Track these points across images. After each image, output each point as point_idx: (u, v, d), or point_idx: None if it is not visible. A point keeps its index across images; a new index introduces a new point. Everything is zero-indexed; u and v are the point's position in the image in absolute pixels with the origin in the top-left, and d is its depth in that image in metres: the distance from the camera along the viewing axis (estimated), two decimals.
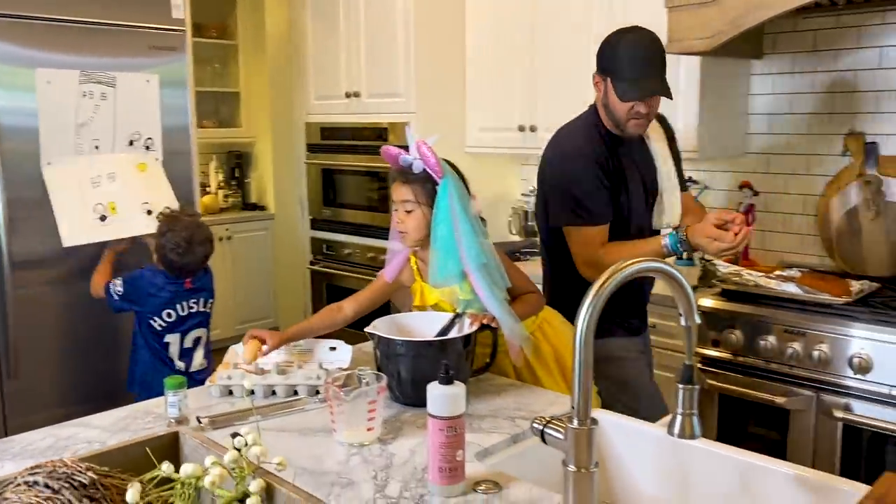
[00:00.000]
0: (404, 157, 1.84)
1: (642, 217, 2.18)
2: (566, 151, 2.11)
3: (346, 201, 4.04)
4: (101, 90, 2.84)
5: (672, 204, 2.19)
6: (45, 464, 0.79)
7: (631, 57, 1.97)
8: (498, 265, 1.85)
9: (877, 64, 2.74)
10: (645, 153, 2.17)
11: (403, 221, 1.86)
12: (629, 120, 2.02)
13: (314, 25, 4.05)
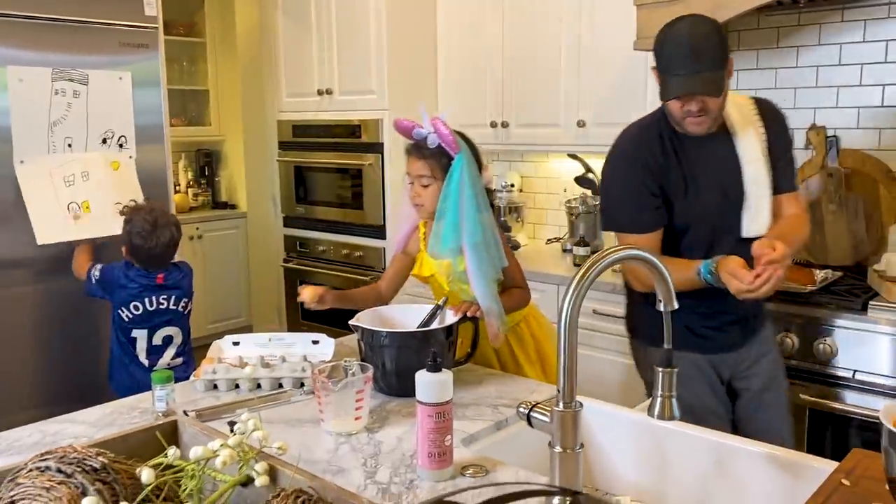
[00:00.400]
0: (418, 131, 1.91)
1: (721, 223, 1.93)
2: (611, 153, 1.99)
3: (319, 198, 4.05)
4: (74, 88, 2.82)
5: (759, 210, 1.91)
6: (56, 450, 0.81)
7: (671, 51, 1.79)
8: (497, 244, 1.91)
9: (837, 60, 2.83)
10: (729, 152, 1.92)
11: (420, 195, 1.95)
12: (684, 118, 1.84)
13: (285, 23, 4.05)
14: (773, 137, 1.95)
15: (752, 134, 1.92)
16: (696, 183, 1.92)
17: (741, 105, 1.94)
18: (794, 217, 1.97)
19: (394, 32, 3.59)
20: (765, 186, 1.91)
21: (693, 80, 1.75)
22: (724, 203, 1.92)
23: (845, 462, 1.23)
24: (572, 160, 3.47)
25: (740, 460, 1.40)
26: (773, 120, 1.97)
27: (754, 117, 1.94)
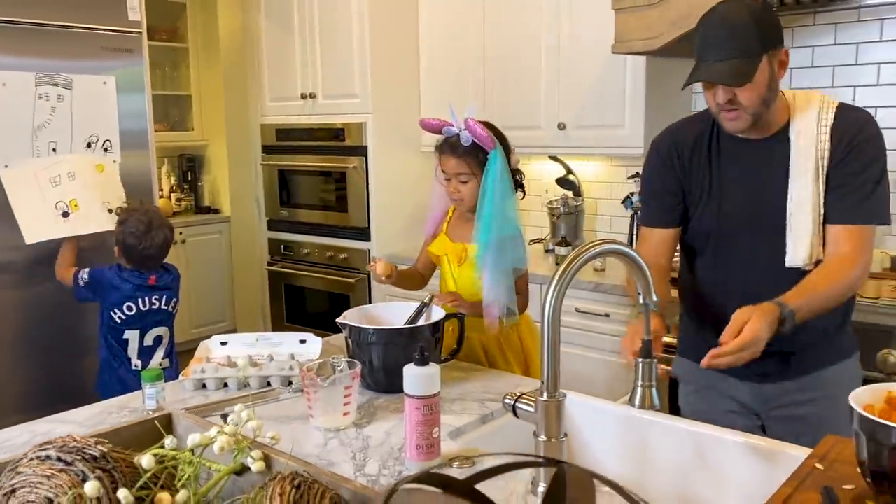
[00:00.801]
0: (448, 129, 1.98)
1: (751, 245, 1.70)
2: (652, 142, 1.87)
3: (303, 201, 4.07)
4: (58, 92, 2.83)
5: (798, 237, 1.64)
6: (55, 440, 0.83)
7: (702, 35, 1.61)
8: (523, 244, 2.03)
9: (809, 63, 2.90)
10: (781, 162, 1.67)
11: (459, 191, 2.04)
12: (719, 112, 1.65)
13: (268, 28, 4.07)
14: (842, 155, 1.63)
15: (809, 145, 1.65)
16: (721, 192, 1.73)
17: (816, 109, 1.67)
18: (838, 261, 1.62)
19: (376, 36, 3.62)
20: (807, 209, 1.63)
21: (713, 67, 1.58)
22: (755, 221, 1.69)
23: (819, 448, 1.27)
24: (553, 162, 3.52)
25: (719, 450, 1.44)
26: (848, 134, 1.64)
27: (824, 126, 1.65)
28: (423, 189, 3.77)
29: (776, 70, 1.61)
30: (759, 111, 1.62)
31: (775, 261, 1.67)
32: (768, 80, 1.59)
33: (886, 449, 1.00)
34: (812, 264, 1.64)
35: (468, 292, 2.05)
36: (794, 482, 1.16)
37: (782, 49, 1.61)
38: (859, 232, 1.63)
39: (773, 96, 1.62)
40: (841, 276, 1.61)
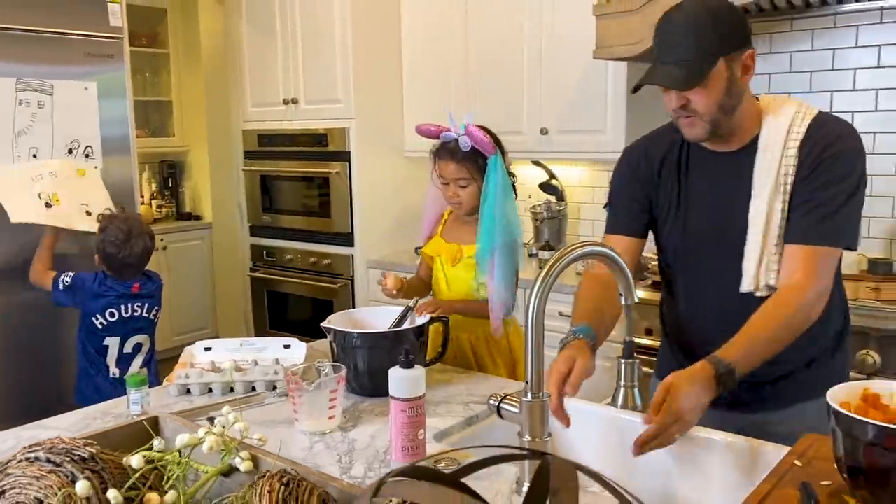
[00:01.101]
0: (446, 134, 2.01)
1: (710, 266, 1.59)
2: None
3: (286, 207, 4.07)
4: (39, 98, 2.81)
5: (748, 259, 1.52)
6: (44, 442, 0.83)
7: (658, 34, 1.50)
8: (521, 247, 2.05)
9: (787, 68, 2.95)
10: (747, 176, 1.53)
11: (459, 195, 2.06)
12: (677, 118, 1.53)
13: (250, 33, 4.07)
14: (807, 171, 1.48)
15: (774, 158, 1.51)
16: (687, 207, 1.61)
17: (789, 119, 1.52)
18: (786, 292, 1.47)
19: (359, 41, 3.63)
20: (759, 228, 1.51)
21: (662, 70, 1.47)
22: (720, 241, 1.57)
23: (798, 445, 1.30)
24: (536, 167, 3.54)
25: (702, 449, 1.46)
26: (817, 148, 1.48)
27: (793, 139, 1.50)
28: (406, 194, 3.79)
29: (737, 74, 1.47)
30: (716, 118, 1.49)
31: (733, 288, 1.54)
32: (726, 84, 1.46)
33: (862, 445, 1.02)
34: (764, 290, 1.51)
35: (461, 292, 2.07)
36: (773, 479, 1.18)
37: (746, 52, 1.47)
38: (814, 254, 1.46)
39: (733, 103, 1.49)
40: (786, 311, 1.43)
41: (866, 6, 2.72)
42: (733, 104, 1.49)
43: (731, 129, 1.53)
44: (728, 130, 1.53)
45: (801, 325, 1.46)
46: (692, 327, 1.65)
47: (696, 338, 1.61)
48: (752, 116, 1.55)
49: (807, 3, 2.74)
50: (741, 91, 1.49)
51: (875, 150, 2.80)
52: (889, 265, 2.53)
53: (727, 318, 1.50)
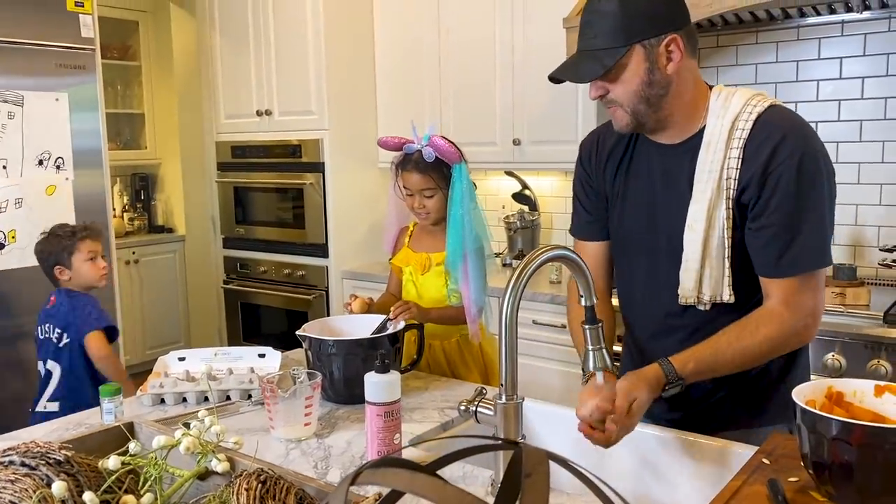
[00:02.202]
0: (409, 146, 2.02)
1: (651, 267, 1.51)
2: None
3: (259, 218, 4.05)
4: (9, 109, 2.79)
5: (685, 272, 1.43)
6: (18, 446, 0.83)
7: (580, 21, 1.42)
8: (489, 253, 2.08)
9: (753, 80, 3.02)
10: (687, 173, 1.43)
11: (425, 206, 2.08)
12: (605, 108, 1.46)
13: (223, 45, 4.06)
14: (757, 182, 1.35)
15: (716, 160, 1.38)
16: (625, 201, 1.53)
17: (734, 113, 1.39)
18: (764, 315, 1.39)
19: (332, 53, 3.65)
20: (698, 238, 1.40)
21: (569, 60, 1.43)
22: (652, 241, 1.49)
23: (766, 444, 1.33)
24: (509, 177, 3.58)
25: (674, 450, 1.49)
26: (762, 155, 1.35)
27: (737, 138, 1.38)
28: (381, 205, 3.80)
29: (659, 62, 1.35)
30: (637, 108, 1.39)
31: (674, 293, 1.46)
32: (645, 73, 1.35)
33: (826, 440, 1.05)
34: (704, 305, 1.43)
35: (433, 300, 2.09)
36: (742, 476, 1.20)
37: (667, 37, 1.34)
38: (788, 285, 1.37)
39: (657, 93, 1.37)
40: (758, 334, 1.37)
41: (828, 20, 2.80)
42: (657, 94, 1.38)
43: (662, 120, 1.43)
44: (657, 122, 1.43)
45: (773, 350, 1.41)
46: (633, 330, 1.59)
47: (639, 341, 1.56)
48: (695, 107, 1.43)
49: (771, 16, 2.81)
50: (667, 80, 1.37)
51: (838, 160, 2.88)
52: (853, 270, 2.59)
53: (662, 324, 1.50)
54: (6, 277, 2.82)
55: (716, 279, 1.41)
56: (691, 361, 1.36)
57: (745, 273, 1.42)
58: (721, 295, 1.42)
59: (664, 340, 1.51)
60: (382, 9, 3.78)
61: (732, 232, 1.40)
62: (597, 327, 1.27)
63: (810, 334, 1.43)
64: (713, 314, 1.44)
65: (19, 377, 2.86)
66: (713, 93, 1.44)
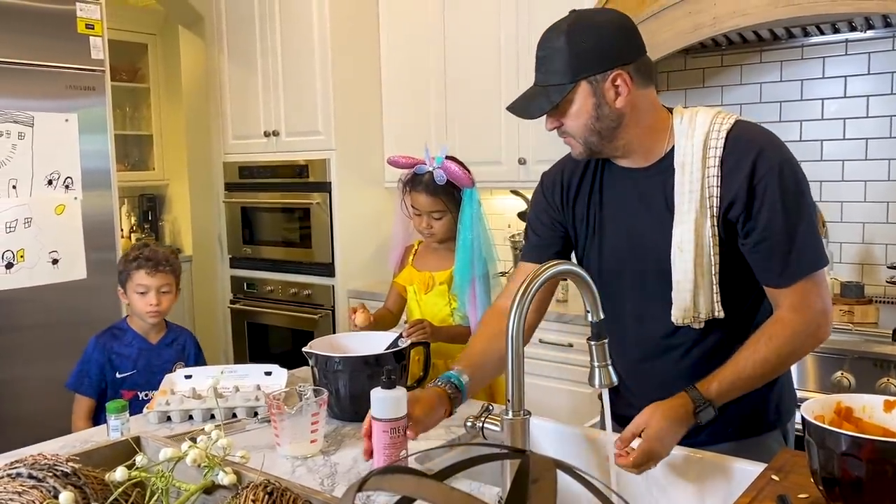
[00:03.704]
0: (420, 167, 2.02)
1: (639, 294, 1.51)
2: None
3: (266, 238, 4.07)
4: (19, 129, 2.82)
5: (678, 293, 1.44)
6: (25, 458, 0.83)
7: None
8: (495, 274, 2.09)
9: (757, 98, 3.03)
10: (664, 195, 1.45)
11: (432, 226, 2.09)
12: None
13: (231, 67, 4.11)
14: (744, 198, 1.38)
15: (695, 180, 1.40)
16: (602, 230, 1.54)
17: (704, 132, 1.41)
18: (775, 324, 1.40)
19: (339, 74, 3.68)
20: (689, 258, 1.41)
21: (523, 94, 1.47)
22: (639, 267, 1.50)
23: (775, 461, 1.32)
24: (515, 196, 3.59)
25: (682, 467, 1.48)
26: (741, 171, 1.37)
27: (712, 157, 1.39)
28: (387, 224, 3.80)
29: (607, 97, 1.38)
30: (590, 140, 1.43)
31: (668, 313, 1.46)
32: (593, 108, 1.38)
33: (836, 456, 1.04)
34: (699, 323, 1.45)
35: (436, 318, 2.09)
36: (751, 493, 1.20)
37: (613, 73, 1.37)
38: (793, 291, 1.39)
39: (607, 125, 1.40)
40: (773, 343, 1.38)
41: (832, 39, 2.82)
42: (608, 127, 1.41)
43: (619, 148, 1.45)
44: (615, 150, 1.46)
45: (794, 356, 1.44)
46: (622, 359, 1.53)
47: (627, 369, 1.54)
48: (655, 130, 1.45)
49: (775, 35, 2.83)
50: (616, 114, 1.40)
51: (844, 178, 2.88)
52: (861, 288, 2.58)
53: (654, 350, 1.51)
54: (15, 296, 2.83)
55: (707, 297, 1.43)
56: (714, 382, 1.37)
57: (731, 287, 1.45)
58: (713, 312, 1.45)
59: (657, 361, 1.53)
60: (388, 30, 3.81)
61: (719, 248, 1.42)
62: (602, 344, 1.27)
63: (824, 333, 1.44)
64: (705, 330, 1.47)
65: (26, 395, 2.86)
66: (675, 115, 1.46)
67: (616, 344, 1.56)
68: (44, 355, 2.86)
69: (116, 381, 2.24)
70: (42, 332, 2.83)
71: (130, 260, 2.28)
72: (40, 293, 2.86)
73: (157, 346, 2.33)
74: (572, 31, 1.38)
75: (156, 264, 2.27)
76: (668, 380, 1.45)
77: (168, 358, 2.32)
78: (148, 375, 2.22)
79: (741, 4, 2.47)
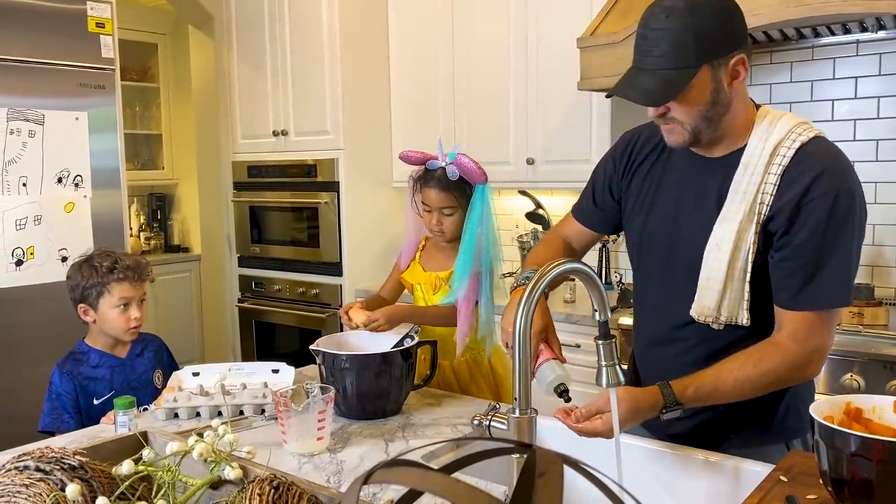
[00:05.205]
0: (433, 162, 2.01)
1: (666, 276, 1.50)
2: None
3: (274, 237, 4.08)
4: (29, 127, 2.83)
5: (706, 288, 1.41)
6: (33, 451, 0.84)
7: (637, 34, 1.37)
8: (496, 275, 2.07)
9: (767, 99, 3.01)
10: (720, 188, 1.42)
11: (442, 223, 2.07)
12: (658, 124, 1.43)
13: (240, 67, 4.12)
14: (788, 212, 1.34)
15: (752, 183, 1.37)
16: (652, 204, 1.52)
17: (777, 139, 1.37)
18: (769, 346, 1.38)
19: (348, 74, 3.68)
20: (724, 257, 1.38)
21: (634, 79, 1.36)
22: (673, 250, 1.48)
23: (783, 462, 1.31)
24: (523, 196, 3.58)
25: (688, 468, 1.47)
26: (797, 186, 1.33)
27: (777, 164, 1.35)
28: (395, 224, 3.81)
29: (725, 82, 1.34)
30: (698, 127, 1.37)
31: (686, 305, 1.45)
32: (711, 93, 1.34)
33: (845, 457, 1.03)
34: (719, 325, 1.43)
35: None
36: (759, 493, 1.19)
37: (735, 56, 1.33)
38: (801, 319, 1.35)
39: (720, 111, 1.36)
40: (761, 366, 1.36)
41: (842, 39, 2.80)
42: (720, 113, 1.37)
43: (715, 138, 1.41)
44: (711, 139, 1.41)
45: (776, 385, 1.40)
46: (639, 333, 1.59)
47: (641, 347, 1.58)
48: (742, 124, 1.41)
49: (785, 36, 2.81)
50: (730, 99, 1.36)
51: None
52: (871, 290, 2.57)
53: (668, 335, 1.51)
54: (25, 294, 2.85)
55: (735, 301, 1.40)
56: (691, 387, 1.36)
57: (762, 298, 1.41)
58: (738, 318, 1.42)
59: (661, 351, 1.53)
60: (397, 30, 3.82)
61: (756, 256, 1.38)
62: (610, 343, 1.26)
63: (813, 371, 1.41)
64: (716, 332, 1.45)
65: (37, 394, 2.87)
66: (759, 113, 1.43)
67: (637, 321, 1.61)
68: (53, 352, 2.86)
69: (94, 408, 2.01)
70: (51, 329, 2.83)
71: (106, 272, 2.02)
72: (50, 290, 2.87)
73: (128, 359, 2.10)
74: (691, 10, 1.30)
75: (139, 273, 2.06)
76: (669, 371, 1.41)
77: (144, 369, 2.12)
78: (129, 393, 1.94)
79: (751, 4, 2.46)
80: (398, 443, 1.60)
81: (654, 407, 1.35)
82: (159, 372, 2.15)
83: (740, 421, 1.48)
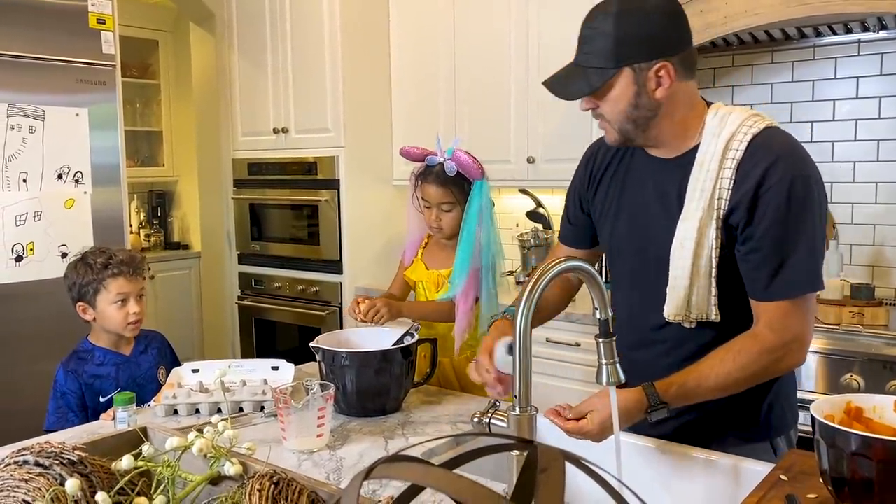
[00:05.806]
0: (431, 158, 2.02)
1: (638, 281, 1.52)
2: None
3: (274, 235, 4.08)
4: (30, 123, 2.83)
5: (673, 289, 1.43)
6: (32, 446, 0.83)
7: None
8: (497, 271, 2.07)
9: (768, 99, 3.01)
10: (680, 188, 1.42)
11: (441, 219, 2.07)
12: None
13: (241, 64, 4.11)
14: (747, 204, 1.35)
15: (708, 179, 1.37)
16: (618, 210, 1.54)
17: (729, 133, 1.38)
18: (747, 339, 1.38)
19: (348, 72, 3.68)
20: (687, 255, 1.39)
21: (562, 70, 1.43)
22: (641, 254, 1.50)
23: (783, 461, 1.31)
24: (523, 195, 3.58)
25: (687, 467, 1.47)
26: (752, 178, 1.34)
27: (731, 159, 1.36)
28: (395, 221, 3.81)
29: (648, 87, 1.36)
30: (625, 128, 1.41)
31: (659, 306, 1.45)
32: (633, 96, 1.36)
33: (846, 456, 1.03)
34: (690, 323, 1.44)
35: None
36: (759, 492, 1.19)
37: (658, 63, 1.34)
38: (775, 308, 1.36)
39: (645, 114, 1.38)
40: (741, 358, 1.36)
41: (844, 39, 2.80)
42: (645, 116, 1.39)
43: (651, 138, 1.44)
44: (647, 140, 1.44)
45: (759, 376, 1.40)
46: (620, 340, 1.59)
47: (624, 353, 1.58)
48: (687, 126, 1.43)
49: (786, 35, 2.81)
50: (654, 104, 1.38)
51: (855, 179, 2.86)
52: (871, 290, 2.56)
53: (644, 339, 1.51)
54: (24, 290, 2.85)
55: (703, 298, 1.41)
56: (674, 385, 1.36)
57: (731, 293, 1.42)
58: (707, 314, 1.43)
59: (644, 353, 1.53)
60: (398, 28, 3.81)
61: (720, 252, 1.40)
62: (610, 341, 1.26)
63: (795, 360, 1.41)
64: (695, 331, 1.45)
65: (37, 390, 2.87)
66: (710, 111, 1.43)
67: (616, 327, 1.56)
68: (53, 348, 2.86)
69: (101, 406, 2.01)
70: (51, 325, 2.83)
71: (101, 268, 2.02)
72: (50, 286, 2.86)
73: (132, 356, 2.11)
74: (621, 13, 1.34)
75: (135, 268, 2.06)
76: (651, 374, 1.40)
77: (149, 366, 2.13)
78: (135, 390, 1.91)
79: (753, 4, 2.46)
80: (398, 440, 1.60)
81: (640, 407, 1.35)
82: (163, 368, 2.15)
83: (724, 421, 1.49)
